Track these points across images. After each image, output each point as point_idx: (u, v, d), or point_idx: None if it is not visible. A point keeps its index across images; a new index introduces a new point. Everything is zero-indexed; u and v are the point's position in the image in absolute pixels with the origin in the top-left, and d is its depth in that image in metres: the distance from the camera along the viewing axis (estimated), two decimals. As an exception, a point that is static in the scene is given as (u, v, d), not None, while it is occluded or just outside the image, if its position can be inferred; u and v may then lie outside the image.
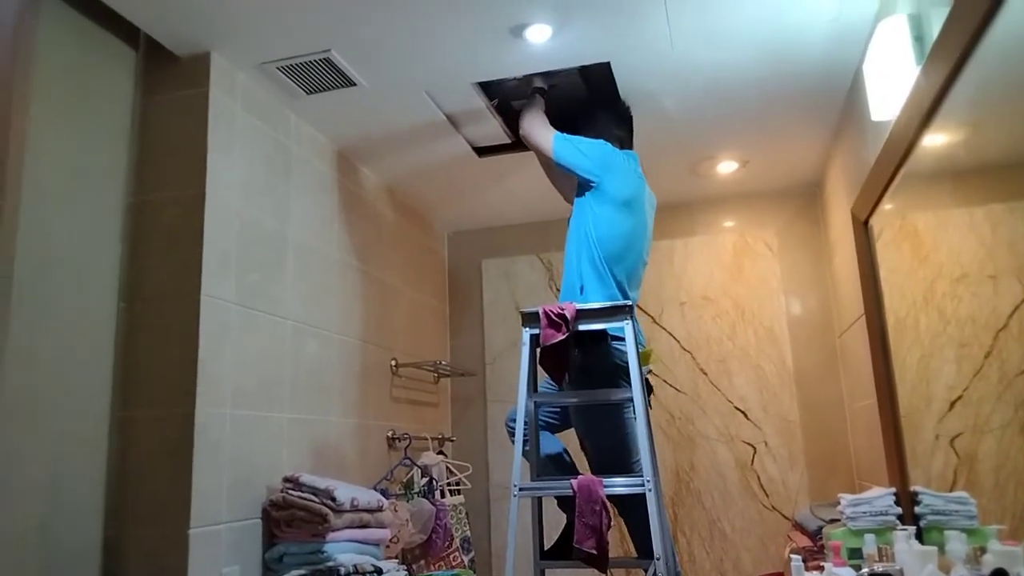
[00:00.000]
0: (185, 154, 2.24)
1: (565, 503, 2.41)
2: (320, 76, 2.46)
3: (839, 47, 2.43)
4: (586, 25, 2.25)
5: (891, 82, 1.98)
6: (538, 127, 2.58)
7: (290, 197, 2.66)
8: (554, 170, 2.75)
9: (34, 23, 1.97)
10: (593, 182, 2.46)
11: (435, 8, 2.13)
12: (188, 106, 2.27)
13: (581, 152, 2.49)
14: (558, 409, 2.52)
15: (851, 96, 2.71)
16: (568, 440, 2.53)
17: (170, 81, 2.30)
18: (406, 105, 2.71)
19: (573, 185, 2.58)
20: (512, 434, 2.48)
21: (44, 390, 1.90)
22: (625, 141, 2.64)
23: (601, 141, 2.52)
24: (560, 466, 2.47)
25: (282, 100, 2.61)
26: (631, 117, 2.72)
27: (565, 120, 2.64)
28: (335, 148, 3.02)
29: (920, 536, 2.03)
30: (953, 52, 1.53)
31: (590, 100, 2.72)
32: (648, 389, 2.38)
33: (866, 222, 2.57)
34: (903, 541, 1.83)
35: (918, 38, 1.84)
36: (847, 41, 2.39)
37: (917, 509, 2.15)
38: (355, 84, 2.51)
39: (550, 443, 2.50)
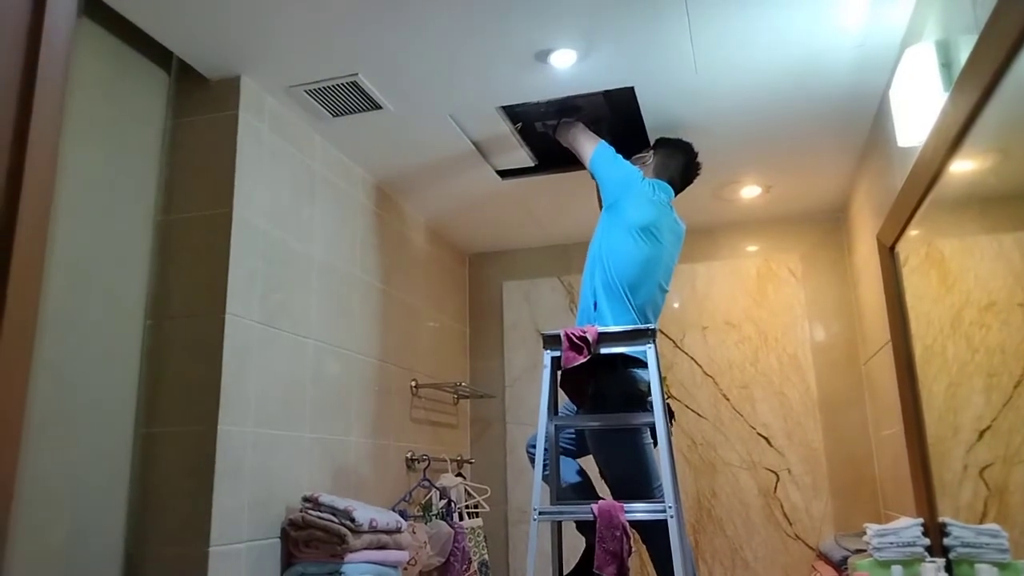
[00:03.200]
0: (214, 175, 2.27)
1: (584, 527, 2.39)
2: (347, 99, 2.49)
3: (865, 73, 2.42)
4: (611, 50, 2.27)
5: (918, 108, 1.97)
6: (584, 132, 2.66)
7: (315, 218, 2.69)
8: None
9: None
10: (610, 200, 2.48)
11: (462, 33, 2.16)
12: (218, 128, 2.31)
13: (616, 166, 2.53)
14: (574, 435, 2.51)
15: (877, 122, 2.70)
16: (589, 467, 2.51)
17: (201, 104, 2.34)
18: (431, 128, 2.73)
19: None
20: (533, 459, 2.47)
21: (70, 406, 1.92)
22: (675, 184, 2.62)
23: (635, 168, 2.54)
24: (579, 491, 2.45)
25: (309, 122, 2.65)
26: (697, 175, 2.74)
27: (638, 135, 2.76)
28: (359, 169, 3.05)
29: (949, 569, 1.99)
30: (982, 79, 1.52)
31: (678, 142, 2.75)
32: (670, 415, 2.36)
33: (892, 248, 2.54)
34: (932, 573, 1.79)
35: (945, 65, 1.83)
36: (873, 67, 2.38)
37: (946, 541, 2.10)
38: (381, 107, 2.55)
39: (568, 468, 2.48)
